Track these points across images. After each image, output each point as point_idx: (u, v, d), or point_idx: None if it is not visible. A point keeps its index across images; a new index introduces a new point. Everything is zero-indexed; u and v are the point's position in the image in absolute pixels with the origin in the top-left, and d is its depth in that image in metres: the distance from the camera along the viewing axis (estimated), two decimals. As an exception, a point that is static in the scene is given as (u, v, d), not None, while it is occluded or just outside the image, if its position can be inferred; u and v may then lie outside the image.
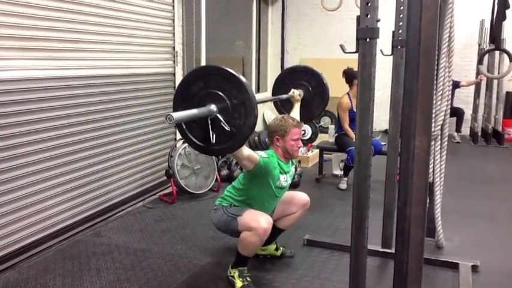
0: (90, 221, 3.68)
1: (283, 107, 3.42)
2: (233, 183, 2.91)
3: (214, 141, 2.12)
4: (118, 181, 4.01)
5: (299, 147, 2.86)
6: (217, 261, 3.09)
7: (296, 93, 3.26)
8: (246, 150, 2.47)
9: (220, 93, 2.09)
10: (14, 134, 2.96)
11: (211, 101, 2.10)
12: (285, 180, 2.84)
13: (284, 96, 3.23)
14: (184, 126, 2.17)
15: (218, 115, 2.09)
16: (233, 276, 2.76)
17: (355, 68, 1.87)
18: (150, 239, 3.49)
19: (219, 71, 2.12)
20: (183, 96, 2.17)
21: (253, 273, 2.88)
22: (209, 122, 2.10)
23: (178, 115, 1.95)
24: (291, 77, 3.43)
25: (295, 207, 3.00)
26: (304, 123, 3.10)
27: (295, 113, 3.24)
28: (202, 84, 2.13)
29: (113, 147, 3.91)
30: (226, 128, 2.09)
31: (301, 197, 3.05)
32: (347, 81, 4.86)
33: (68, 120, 3.38)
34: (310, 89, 3.36)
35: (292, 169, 2.97)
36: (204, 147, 2.19)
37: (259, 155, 2.63)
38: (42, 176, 3.20)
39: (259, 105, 2.15)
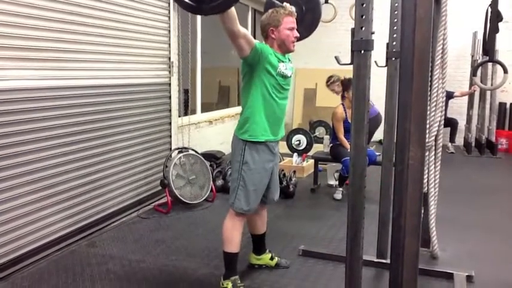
0: (84, 231, 3.66)
1: None
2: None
3: None
4: (113, 191, 4.00)
5: (295, 38, 2.75)
6: (212, 272, 3.08)
7: (288, 6, 3.02)
8: (242, 28, 2.40)
9: None
10: (7, 144, 2.95)
11: None
12: (285, 68, 2.71)
13: (278, 2, 3.02)
14: None
15: None
16: (226, 288, 2.76)
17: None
18: (145, 249, 3.48)
19: None
20: None
21: (248, 283, 2.88)
22: None
23: None
24: None
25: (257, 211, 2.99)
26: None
27: None
28: None
29: (108, 157, 3.90)
30: None
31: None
32: (343, 91, 4.88)
33: (62, 130, 3.38)
34: (303, 8, 3.20)
35: (290, 64, 2.84)
36: (197, 6, 2.12)
37: (255, 40, 2.56)
38: (36, 186, 3.19)
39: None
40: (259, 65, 2.61)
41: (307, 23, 3.18)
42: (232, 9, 2.25)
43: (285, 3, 2.95)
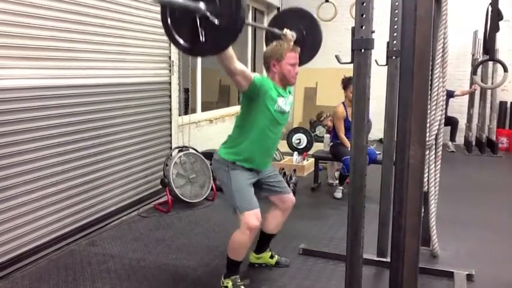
0: (84, 230, 3.66)
1: None
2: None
3: (204, 39, 2.02)
4: (113, 190, 4.00)
5: (296, 73, 2.77)
6: (212, 271, 3.08)
7: (289, 33, 3.10)
8: (239, 64, 2.40)
9: None
10: (8, 143, 2.95)
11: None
12: (283, 103, 2.74)
13: (277, 30, 3.08)
14: (170, 24, 2.10)
15: (207, 13, 1.99)
16: (226, 287, 2.76)
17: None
18: (145, 248, 3.48)
19: None
20: None
21: (248, 281, 2.88)
22: (198, 20, 2.01)
23: None
24: (284, 20, 3.31)
25: (282, 203, 2.97)
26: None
27: None
28: None
29: (108, 156, 3.90)
30: (215, 22, 1.99)
31: (290, 195, 3.03)
32: (343, 89, 4.88)
33: (62, 129, 3.38)
34: (304, 33, 3.25)
35: (290, 97, 2.87)
36: (192, 48, 2.12)
37: (254, 75, 2.57)
38: (36, 185, 3.19)
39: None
40: (258, 99, 2.63)
41: (309, 47, 3.23)
42: (229, 49, 2.24)
43: (285, 30, 3.03)
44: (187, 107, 5.46)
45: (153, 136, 4.54)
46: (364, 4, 1.80)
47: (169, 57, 4.72)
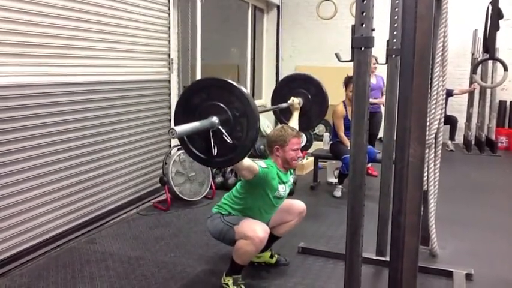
0: (83, 228, 3.65)
1: (283, 115, 3.45)
2: (231, 191, 2.88)
3: (215, 154, 2.10)
4: (112, 188, 4.00)
5: (298, 158, 2.86)
6: (211, 269, 3.08)
7: (295, 101, 3.28)
8: (246, 161, 2.45)
9: (222, 105, 2.07)
10: (7, 141, 2.95)
11: (213, 113, 2.08)
12: (283, 190, 2.83)
13: (284, 105, 3.24)
14: (185, 138, 2.16)
15: (220, 127, 2.07)
16: (227, 284, 2.75)
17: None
18: (144, 246, 3.47)
19: (221, 83, 2.10)
20: (185, 108, 2.15)
21: (248, 280, 2.88)
22: (211, 134, 2.09)
23: (181, 129, 1.93)
24: (291, 85, 3.44)
25: (291, 216, 3.01)
26: (303, 132, 3.10)
27: (294, 121, 3.25)
28: (204, 95, 2.11)
29: (108, 154, 3.90)
30: (228, 141, 2.07)
31: (298, 205, 3.05)
32: (345, 87, 4.88)
33: (61, 126, 3.37)
34: (310, 97, 3.38)
35: (291, 179, 2.98)
36: (205, 159, 2.17)
37: (259, 165, 2.61)
38: (35, 183, 3.19)
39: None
40: (260, 187, 2.70)
41: (314, 114, 3.41)
42: None
43: (292, 98, 3.22)
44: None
45: (152, 134, 4.54)
46: (365, 2, 1.79)
47: (169, 55, 4.72)
